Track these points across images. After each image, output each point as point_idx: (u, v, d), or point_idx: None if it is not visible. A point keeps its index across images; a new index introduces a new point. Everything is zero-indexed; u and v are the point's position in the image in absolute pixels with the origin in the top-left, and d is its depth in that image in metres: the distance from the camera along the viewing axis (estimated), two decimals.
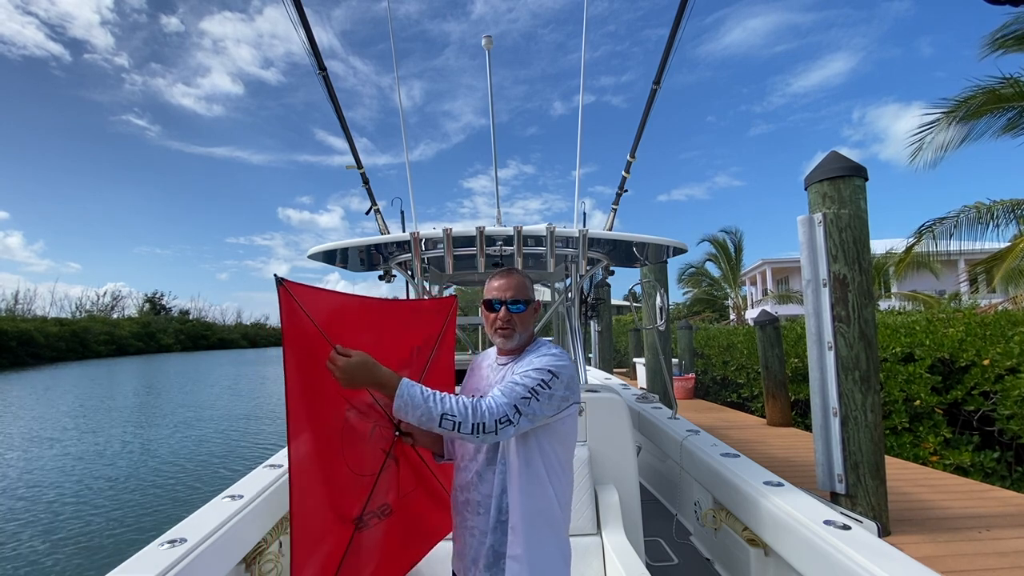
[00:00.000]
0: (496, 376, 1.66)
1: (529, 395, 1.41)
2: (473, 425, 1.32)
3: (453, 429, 1.32)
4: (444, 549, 1.83)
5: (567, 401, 1.51)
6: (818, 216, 3.69)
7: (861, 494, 3.52)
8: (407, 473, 1.75)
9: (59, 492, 8.23)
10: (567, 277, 3.96)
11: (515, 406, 1.38)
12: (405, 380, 1.35)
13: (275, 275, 1.28)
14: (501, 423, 1.35)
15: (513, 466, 1.51)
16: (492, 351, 1.77)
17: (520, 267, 3.09)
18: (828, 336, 3.64)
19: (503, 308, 1.61)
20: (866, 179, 3.67)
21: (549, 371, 1.47)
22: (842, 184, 3.62)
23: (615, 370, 13.60)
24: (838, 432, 3.57)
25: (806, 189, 3.85)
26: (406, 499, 1.73)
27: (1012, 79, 8.39)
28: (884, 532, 3.50)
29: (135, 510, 7.45)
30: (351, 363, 1.34)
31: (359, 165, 4.42)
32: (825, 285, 3.66)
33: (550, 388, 1.45)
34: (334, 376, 1.35)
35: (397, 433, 1.64)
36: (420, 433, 1.67)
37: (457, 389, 1.88)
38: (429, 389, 1.36)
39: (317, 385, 1.40)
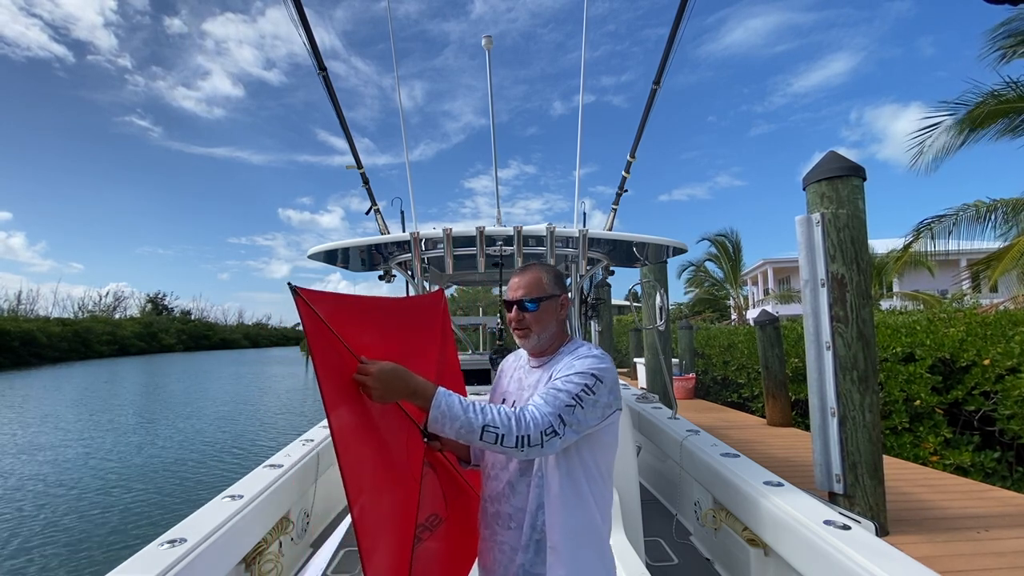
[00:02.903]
0: (530, 379, 1.53)
1: (574, 403, 1.27)
2: (518, 438, 1.20)
3: (496, 442, 1.20)
4: None
5: (611, 408, 1.36)
6: (816, 216, 3.69)
7: (859, 494, 3.52)
8: (446, 479, 1.63)
9: (59, 491, 8.26)
10: (567, 277, 3.97)
11: (560, 416, 1.25)
12: (441, 389, 1.24)
13: (289, 283, 1.18)
14: (547, 435, 1.23)
15: (552, 479, 1.37)
16: (524, 351, 1.64)
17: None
18: (826, 336, 3.64)
19: (514, 308, 1.50)
20: (864, 179, 3.67)
21: (593, 375, 1.33)
22: (840, 184, 3.62)
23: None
24: (836, 432, 3.57)
25: (804, 189, 3.85)
26: (452, 506, 1.62)
27: (1016, 83, 8.38)
28: (882, 532, 3.50)
29: (135, 510, 7.47)
30: (385, 374, 1.23)
31: (359, 165, 4.44)
32: (823, 285, 3.66)
33: (595, 394, 1.31)
34: (365, 392, 1.25)
35: (425, 439, 1.52)
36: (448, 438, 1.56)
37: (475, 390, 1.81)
38: (468, 399, 1.25)
39: (352, 392, 1.29)
